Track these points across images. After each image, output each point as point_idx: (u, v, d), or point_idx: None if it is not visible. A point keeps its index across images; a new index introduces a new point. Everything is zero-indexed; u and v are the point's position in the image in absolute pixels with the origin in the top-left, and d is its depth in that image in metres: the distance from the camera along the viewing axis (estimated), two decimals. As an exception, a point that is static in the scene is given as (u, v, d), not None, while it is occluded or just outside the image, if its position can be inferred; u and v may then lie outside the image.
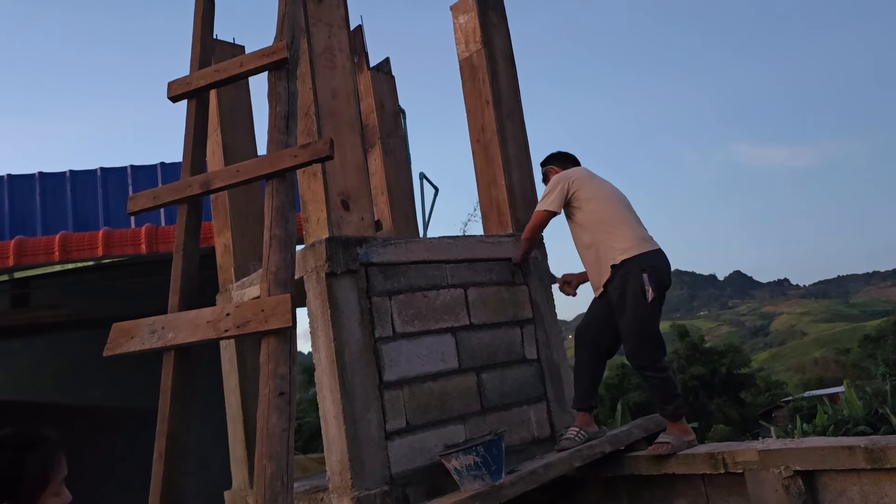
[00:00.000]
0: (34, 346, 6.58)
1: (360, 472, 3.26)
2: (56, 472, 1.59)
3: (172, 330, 2.79)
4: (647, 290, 3.59)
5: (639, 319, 3.62)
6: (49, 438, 1.62)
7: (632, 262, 3.67)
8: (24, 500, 1.52)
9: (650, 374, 3.62)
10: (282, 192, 2.90)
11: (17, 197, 7.06)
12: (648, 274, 3.61)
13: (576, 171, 3.94)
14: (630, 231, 3.73)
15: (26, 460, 1.54)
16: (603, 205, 3.81)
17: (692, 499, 3.58)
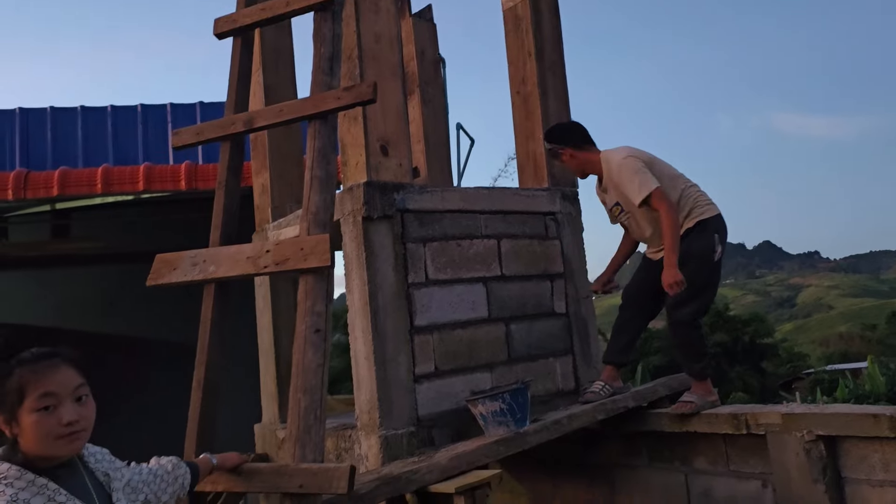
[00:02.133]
0: (73, 277, 6.77)
1: (389, 411, 3.35)
2: (34, 387, 1.56)
3: (213, 263, 2.86)
4: (716, 249, 3.62)
5: (702, 276, 3.61)
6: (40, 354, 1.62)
7: (707, 223, 3.67)
8: (7, 411, 1.56)
9: (685, 330, 3.64)
10: (324, 134, 2.93)
11: (59, 129, 7.18)
12: (720, 235, 3.65)
13: (634, 151, 3.75)
14: (700, 196, 3.72)
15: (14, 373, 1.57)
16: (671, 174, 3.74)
17: (712, 458, 3.63)
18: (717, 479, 3.61)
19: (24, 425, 1.55)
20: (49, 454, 1.58)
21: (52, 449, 1.58)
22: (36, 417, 1.55)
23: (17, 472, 1.52)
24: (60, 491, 1.55)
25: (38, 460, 1.58)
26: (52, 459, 1.60)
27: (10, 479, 1.51)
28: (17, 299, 6.52)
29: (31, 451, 1.57)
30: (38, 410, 1.56)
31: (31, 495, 1.50)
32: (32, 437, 1.56)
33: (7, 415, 1.57)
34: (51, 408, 1.57)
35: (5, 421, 1.57)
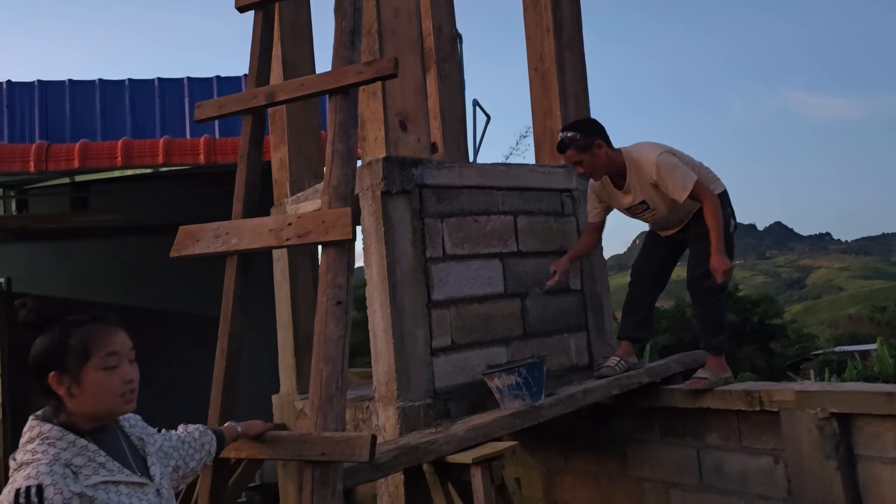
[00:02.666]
0: (93, 249, 6.85)
1: (406, 383, 3.40)
2: (99, 346, 1.63)
3: (236, 236, 2.91)
4: (731, 223, 3.71)
5: None
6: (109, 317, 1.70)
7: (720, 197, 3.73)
8: (68, 370, 1.61)
9: (709, 302, 3.70)
10: (345, 108, 2.95)
11: (78, 102, 7.22)
12: (731, 209, 3.75)
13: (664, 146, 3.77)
14: (710, 174, 3.81)
15: (73, 334, 1.62)
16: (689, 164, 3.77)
17: (724, 434, 3.67)
18: (728, 454, 3.65)
19: (87, 383, 1.61)
20: (108, 413, 1.65)
21: (113, 406, 1.65)
22: (102, 375, 1.62)
23: (58, 432, 1.57)
24: (100, 452, 1.60)
25: (85, 422, 1.63)
26: (102, 420, 1.66)
27: (52, 439, 1.56)
28: (38, 270, 6.62)
29: (87, 410, 1.62)
30: (103, 369, 1.62)
31: (72, 455, 1.55)
32: (95, 394, 1.61)
33: (68, 373, 1.60)
34: (114, 367, 1.64)
35: (60, 381, 1.60)
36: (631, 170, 3.74)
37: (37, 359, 1.62)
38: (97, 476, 1.55)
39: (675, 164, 3.64)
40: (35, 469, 1.48)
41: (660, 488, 3.95)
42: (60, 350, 1.61)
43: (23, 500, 1.43)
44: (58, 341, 1.62)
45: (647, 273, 4.02)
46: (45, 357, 1.61)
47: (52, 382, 1.60)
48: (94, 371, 1.62)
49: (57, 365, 1.61)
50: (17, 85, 7.38)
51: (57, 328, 1.64)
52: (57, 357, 1.61)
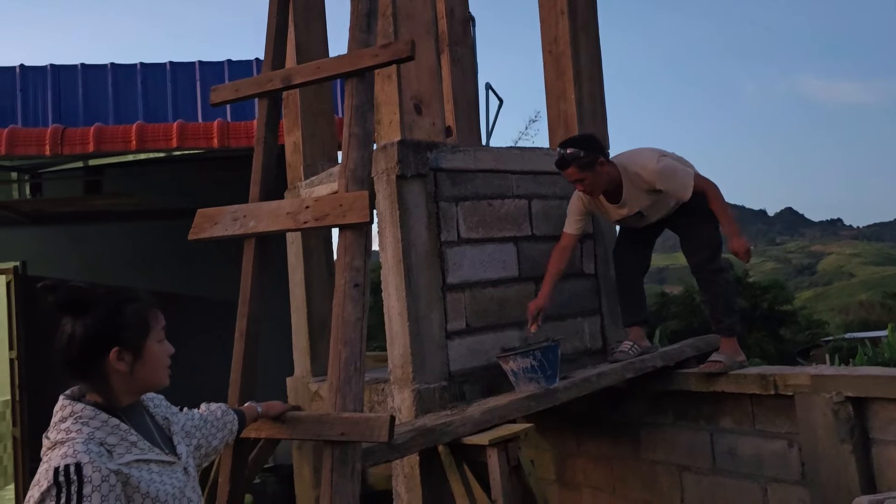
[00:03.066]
0: (106, 233, 6.89)
1: (421, 366, 3.42)
2: (155, 320, 1.71)
3: (254, 219, 2.92)
4: None
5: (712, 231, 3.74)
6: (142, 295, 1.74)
7: None
8: (130, 344, 1.64)
9: (718, 280, 3.74)
10: (361, 92, 2.95)
11: (90, 86, 7.24)
12: None
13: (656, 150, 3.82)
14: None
15: (125, 310, 1.66)
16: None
17: (738, 418, 3.68)
18: (742, 438, 3.66)
19: (149, 354, 1.67)
20: (159, 384, 1.72)
21: (163, 379, 1.72)
22: (159, 348, 1.71)
23: (91, 411, 1.59)
24: (131, 431, 1.62)
25: (127, 398, 1.66)
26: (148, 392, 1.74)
27: (85, 418, 1.57)
28: (52, 254, 6.67)
29: (141, 383, 1.68)
30: (157, 342, 1.70)
31: (105, 434, 1.57)
32: (152, 369, 1.69)
33: (128, 348, 1.64)
34: (162, 341, 1.72)
35: (120, 357, 1.63)
36: (627, 182, 3.72)
37: (89, 337, 1.61)
38: (130, 454, 1.57)
39: (674, 165, 3.68)
40: (71, 447, 1.50)
41: (673, 471, 3.97)
42: (119, 326, 1.64)
43: (62, 478, 1.45)
44: (114, 318, 1.64)
45: (632, 259, 4.03)
46: (99, 335, 1.62)
47: (113, 359, 1.62)
48: (153, 344, 1.69)
49: (117, 341, 1.63)
50: (31, 69, 7.40)
51: (109, 306, 1.65)
52: (116, 333, 1.63)
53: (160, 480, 1.60)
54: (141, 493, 1.54)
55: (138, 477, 1.55)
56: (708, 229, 3.74)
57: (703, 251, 3.78)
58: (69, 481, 1.44)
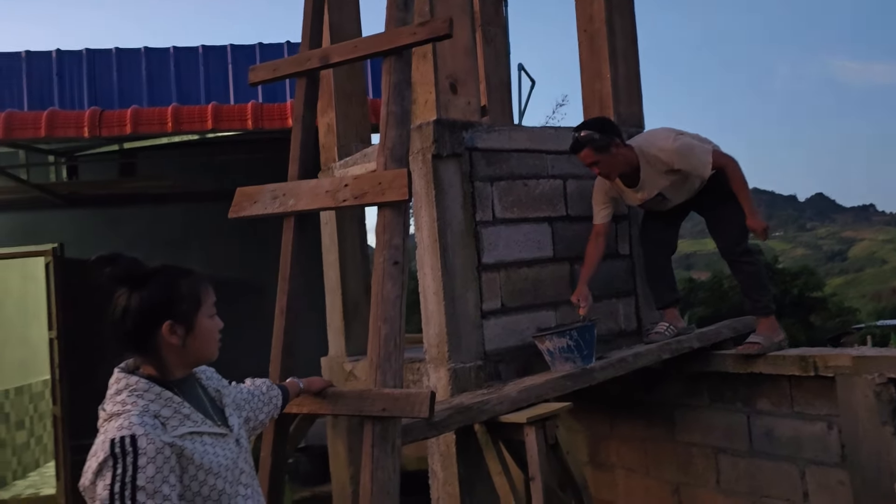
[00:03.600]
0: (140, 215, 6.99)
1: (457, 346, 3.43)
2: (207, 295, 1.73)
3: (293, 197, 2.94)
4: None
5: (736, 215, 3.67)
6: (196, 269, 1.77)
7: None
8: (183, 317, 1.66)
9: (749, 261, 3.71)
10: (399, 70, 2.94)
11: (125, 70, 7.33)
12: None
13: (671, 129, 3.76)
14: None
15: (180, 284, 1.68)
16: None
17: (776, 399, 3.64)
18: (780, 420, 3.63)
19: (200, 328, 1.70)
20: (209, 357, 1.75)
21: (213, 352, 1.75)
22: (210, 322, 1.73)
23: (145, 384, 1.61)
24: (184, 404, 1.64)
25: (179, 370, 1.69)
26: (199, 365, 1.77)
27: (140, 390, 1.60)
28: (90, 236, 6.77)
29: (193, 357, 1.71)
30: (209, 316, 1.73)
31: (159, 407, 1.59)
32: (203, 342, 1.71)
33: (181, 321, 1.66)
34: (214, 315, 1.75)
35: (173, 330, 1.65)
36: (644, 164, 3.67)
37: (144, 310, 1.64)
38: (183, 427, 1.60)
39: (690, 143, 3.64)
40: (127, 419, 1.53)
41: (708, 453, 3.95)
42: (174, 299, 1.66)
43: (118, 449, 1.48)
44: (169, 291, 1.66)
45: (659, 241, 3.99)
46: (155, 307, 1.64)
47: (165, 332, 1.64)
48: (204, 318, 1.71)
49: (171, 314, 1.65)
50: (67, 53, 7.50)
51: (165, 279, 1.68)
52: (170, 306, 1.65)
53: (213, 452, 1.63)
54: (195, 465, 1.57)
55: (192, 449, 1.57)
56: (734, 211, 3.67)
57: (730, 234, 3.74)
58: (125, 452, 1.48)
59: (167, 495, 1.50)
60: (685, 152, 3.62)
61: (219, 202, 3.72)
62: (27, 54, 7.57)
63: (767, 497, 3.68)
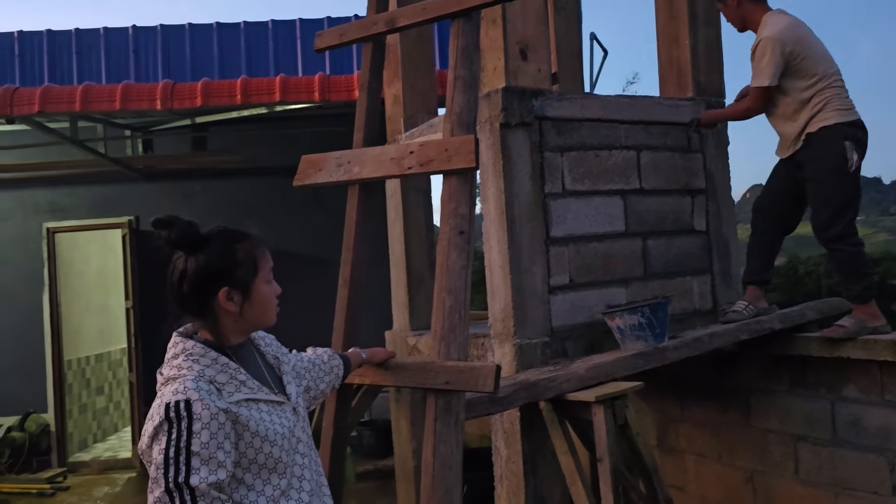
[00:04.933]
0: (211, 189, 7.13)
1: (523, 321, 3.34)
2: (264, 260, 1.69)
3: (358, 164, 2.88)
4: (848, 158, 3.31)
5: (838, 190, 3.38)
6: (254, 233, 1.72)
7: (828, 130, 3.37)
8: (240, 284, 1.63)
9: (838, 248, 3.40)
10: (468, 33, 2.83)
11: (197, 45, 7.45)
12: (851, 142, 3.33)
13: (793, 31, 3.43)
14: (838, 98, 3.39)
15: (237, 249, 1.64)
16: (814, 71, 3.41)
17: (864, 386, 3.41)
18: (868, 408, 3.40)
19: (257, 294, 1.66)
20: (267, 323, 1.72)
21: (271, 318, 1.71)
22: (267, 288, 1.69)
23: (202, 349, 1.59)
24: (240, 370, 1.61)
25: (236, 336, 1.66)
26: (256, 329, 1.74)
27: (196, 355, 1.58)
28: (163, 208, 6.95)
29: (251, 322, 1.68)
30: (266, 282, 1.68)
31: (215, 372, 1.57)
32: (261, 308, 1.68)
33: (238, 287, 1.63)
34: (271, 281, 1.71)
35: (230, 296, 1.62)
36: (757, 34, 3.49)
37: (200, 275, 1.61)
38: (239, 393, 1.57)
39: (766, 55, 3.39)
40: (182, 384, 1.50)
41: (787, 440, 3.75)
42: (231, 264, 1.62)
43: (173, 413, 1.46)
44: (227, 257, 1.62)
45: (766, 210, 3.72)
46: (211, 273, 1.61)
47: (222, 297, 1.61)
48: (262, 284, 1.67)
49: (228, 280, 1.62)
50: (142, 30, 7.68)
51: (222, 244, 1.64)
52: (227, 272, 1.62)
53: (269, 420, 1.59)
54: (250, 432, 1.54)
55: (247, 416, 1.54)
56: (828, 189, 3.38)
57: (817, 214, 3.47)
58: (179, 417, 1.45)
59: (222, 461, 1.47)
60: (758, 51, 3.46)
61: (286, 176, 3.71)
62: (105, 31, 7.78)
63: (851, 489, 3.46)
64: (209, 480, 1.45)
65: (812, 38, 3.46)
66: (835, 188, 3.38)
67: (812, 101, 3.40)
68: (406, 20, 2.99)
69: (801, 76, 3.41)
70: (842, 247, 3.41)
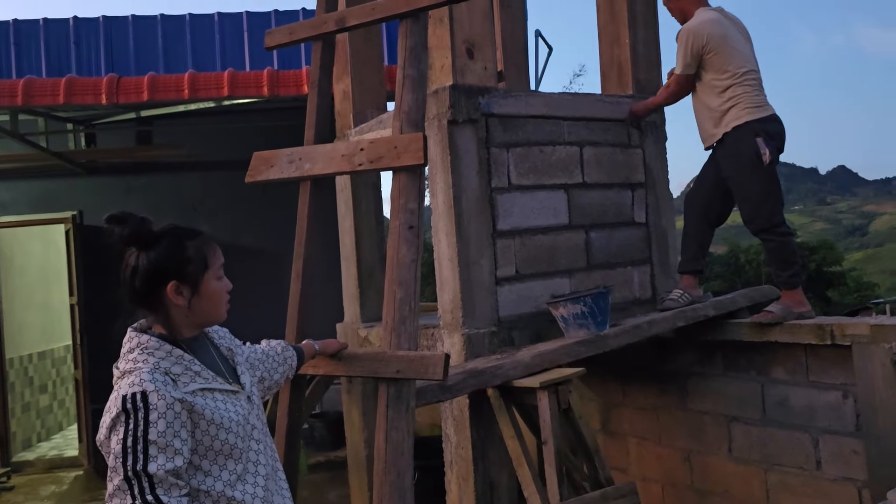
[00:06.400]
0: (156, 184, 7.03)
1: (471, 311, 3.45)
2: (215, 257, 1.74)
3: (309, 161, 2.94)
4: (763, 153, 3.51)
5: (756, 186, 3.58)
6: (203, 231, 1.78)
7: (744, 127, 3.58)
8: (189, 279, 1.68)
9: (766, 238, 3.63)
10: (416, 33, 2.92)
11: (141, 38, 7.33)
12: (762, 138, 3.53)
13: (711, 27, 3.63)
14: (748, 97, 3.60)
15: (187, 245, 1.70)
16: (726, 67, 3.62)
17: (791, 368, 3.63)
18: (794, 389, 3.62)
19: (206, 291, 1.71)
20: (215, 320, 1.77)
21: (220, 314, 1.77)
22: (217, 285, 1.74)
23: (156, 342, 1.65)
24: (195, 361, 1.67)
25: (188, 330, 1.71)
26: (204, 327, 1.78)
27: (151, 348, 1.63)
28: (108, 204, 6.83)
29: (200, 318, 1.72)
30: (216, 279, 1.74)
31: (170, 364, 1.63)
32: (210, 304, 1.73)
33: (187, 283, 1.68)
34: (222, 278, 1.76)
35: (178, 291, 1.67)
36: None
37: (151, 271, 1.66)
38: (194, 383, 1.63)
39: (681, 45, 3.66)
40: (138, 376, 1.56)
41: (721, 421, 3.96)
42: (181, 260, 1.68)
43: (129, 404, 1.52)
44: (177, 252, 1.68)
45: (696, 204, 3.92)
46: (161, 269, 1.66)
47: (170, 292, 1.67)
48: (211, 280, 1.72)
49: (177, 275, 1.67)
50: (84, 21, 7.50)
51: (172, 240, 1.69)
52: (177, 267, 1.67)
53: (224, 408, 1.65)
54: (206, 420, 1.60)
55: (203, 405, 1.60)
56: (755, 181, 3.58)
57: (741, 209, 3.69)
58: (136, 408, 1.51)
59: (178, 449, 1.53)
60: (679, 41, 3.70)
61: (235, 170, 3.73)
62: (45, 21, 7.58)
63: (779, 465, 3.68)
64: (167, 468, 1.50)
65: (733, 35, 3.66)
66: (751, 184, 3.60)
67: (725, 95, 3.62)
68: (355, 20, 3.06)
69: (714, 70, 3.63)
70: (768, 237, 3.63)
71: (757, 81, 3.66)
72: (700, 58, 3.64)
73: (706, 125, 3.74)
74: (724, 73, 3.61)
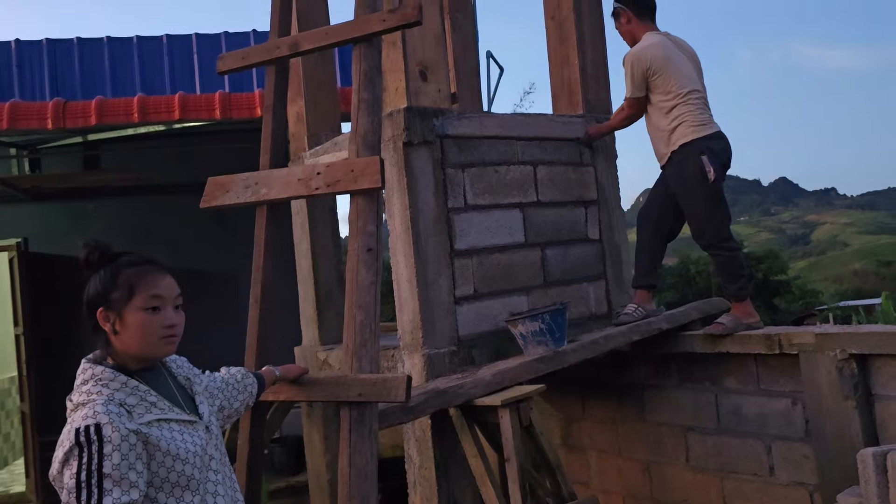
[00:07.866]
0: (104, 208, 6.89)
1: (431, 332, 3.47)
2: (145, 287, 1.66)
3: (265, 186, 2.93)
4: (707, 171, 3.62)
5: (703, 203, 3.69)
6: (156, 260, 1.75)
7: (689, 146, 3.70)
8: (113, 306, 1.65)
9: (714, 252, 3.74)
10: (369, 57, 2.95)
11: (87, 60, 7.19)
12: (707, 156, 3.64)
13: (653, 50, 3.75)
14: (692, 115, 3.71)
15: (122, 272, 1.67)
16: (669, 88, 3.73)
17: (742, 377, 3.74)
18: (746, 398, 3.72)
19: (129, 322, 1.65)
20: (148, 353, 1.69)
21: (151, 349, 1.68)
22: (142, 316, 1.66)
23: (111, 373, 1.62)
24: (150, 392, 1.65)
25: (131, 361, 1.68)
26: (145, 360, 1.70)
27: (105, 380, 1.61)
28: (54, 230, 6.66)
29: (129, 349, 1.67)
30: (145, 310, 1.66)
31: (125, 395, 1.60)
32: (135, 335, 1.65)
33: (112, 310, 1.65)
34: (157, 309, 1.68)
35: (106, 317, 1.65)
36: None
37: (89, 296, 1.68)
38: (150, 414, 1.61)
39: (627, 70, 3.80)
40: (92, 409, 1.53)
41: (677, 432, 4.04)
42: (109, 287, 1.66)
43: (83, 437, 1.49)
44: (108, 279, 1.67)
45: (648, 218, 4.01)
46: (95, 294, 1.67)
47: (99, 318, 1.66)
48: (135, 311, 1.65)
49: (104, 301, 1.66)
50: (26, 44, 7.33)
51: (109, 267, 1.69)
52: (105, 294, 1.66)
53: (181, 439, 1.63)
54: (162, 451, 1.58)
55: (158, 436, 1.58)
56: (701, 197, 3.69)
57: (691, 224, 3.80)
58: (90, 441, 1.49)
59: (134, 482, 1.51)
60: (626, 67, 3.82)
61: (186, 194, 3.69)
62: (-15, 44, 7.39)
63: (735, 472, 3.78)
64: (122, 501, 1.48)
65: (676, 57, 3.78)
66: (698, 201, 3.71)
67: (671, 115, 3.74)
68: (309, 44, 3.07)
69: (660, 91, 3.76)
70: (717, 252, 3.74)
71: (701, 100, 3.78)
72: (646, 80, 3.75)
73: (658, 145, 3.85)
74: (668, 94, 3.72)
